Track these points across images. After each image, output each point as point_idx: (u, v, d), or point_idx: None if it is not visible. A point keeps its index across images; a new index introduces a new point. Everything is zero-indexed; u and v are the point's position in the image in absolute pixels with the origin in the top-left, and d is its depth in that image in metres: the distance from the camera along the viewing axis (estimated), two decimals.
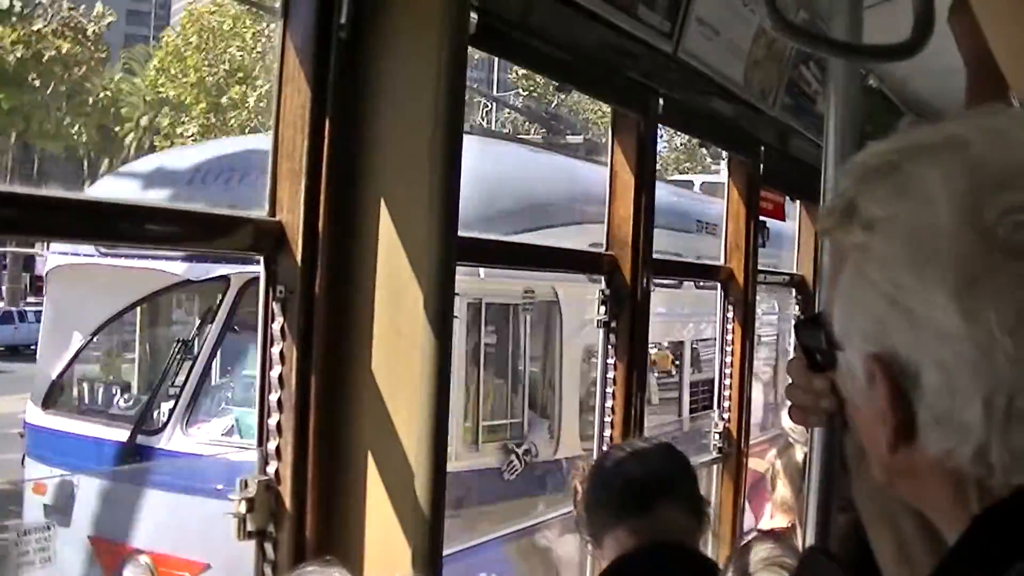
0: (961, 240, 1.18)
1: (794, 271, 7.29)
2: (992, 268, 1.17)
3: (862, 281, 1.27)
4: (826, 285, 1.39)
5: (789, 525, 3.90)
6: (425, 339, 2.79)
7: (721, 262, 5.98)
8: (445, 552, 3.00)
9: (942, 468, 1.25)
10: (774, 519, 4.12)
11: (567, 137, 15.24)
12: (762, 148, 5.88)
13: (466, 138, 2.94)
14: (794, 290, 7.36)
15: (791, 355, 1.96)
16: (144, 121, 52.08)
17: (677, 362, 13.71)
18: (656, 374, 13.10)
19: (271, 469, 2.83)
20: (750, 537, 4.01)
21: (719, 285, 6.02)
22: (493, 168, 9.19)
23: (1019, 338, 1.15)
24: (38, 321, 14.76)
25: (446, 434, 2.85)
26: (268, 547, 2.82)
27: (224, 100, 48.15)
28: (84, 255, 8.84)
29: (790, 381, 1.91)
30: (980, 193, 1.19)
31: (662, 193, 5.05)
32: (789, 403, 1.97)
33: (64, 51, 44.89)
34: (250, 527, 2.78)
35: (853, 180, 1.32)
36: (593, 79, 4.31)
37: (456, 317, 2.93)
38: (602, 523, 2.93)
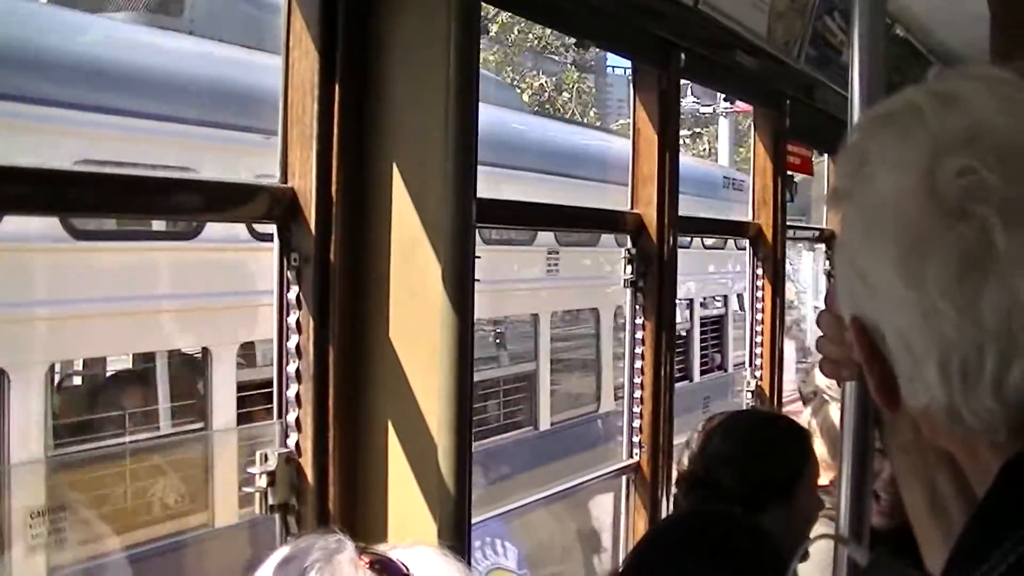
0: (909, 207, 1.21)
1: (824, 226, 7.21)
2: (936, 233, 1.19)
3: (840, 250, 1.33)
4: None
5: (829, 483, 3.83)
6: (444, 304, 2.74)
7: (749, 218, 5.90)
8: (478, 518, 2.97)
9: (933, 422, 1.28)
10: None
11: None
12: (787, 101, 5.80)
13: None
14: (824, 245, 7.28)
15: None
16: None
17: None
18: None
19: (291, 442, 2.78)
20: None
21: (748, 242, 5.95)
22: None
23: (959, 301, 1.17)
24: None
25: (470, 401, 2.80)
26: (291, 521, 2.77)
27: None
28: None
29: (820, 334, 1.89)
30: (932, 159, 1.20)
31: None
32: (821, 357, 1.94)
33: None
34: (272, 501, 2.73)
35: (842, 157, 1.38)
36: (612, 35, 4.24)
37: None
38: None
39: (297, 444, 2.77)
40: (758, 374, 5.83)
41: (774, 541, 2.81)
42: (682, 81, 4.67)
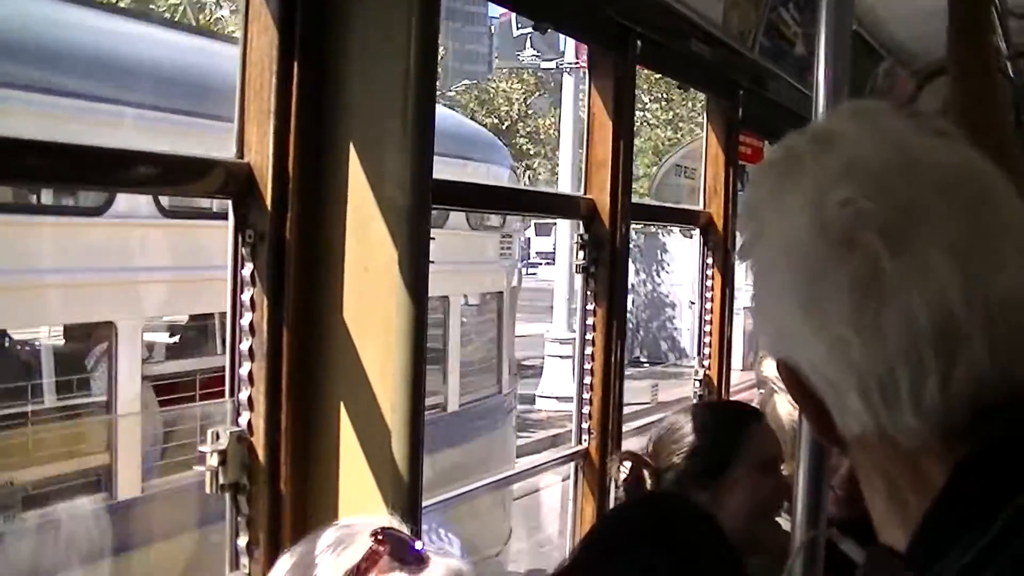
0: (801, 247, 1.25)
1: None
2: (830, 265, 1.22)
3: (753, 303, 1.36)
4: None
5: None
6: (399, 285, 2.71)
7: (700, 207, 5.91)
8: (425, 503, 2.96)
9: (871, 446, 1.31)
10: None
11: None
12: (741, 91, 5.81)
13: None
14: None
15: None
16: None
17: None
18: None
19: (243, 420, 2.75)
20: None
21: (698, 231, 5.96)
22: None
23: (861, 329, 1.21)
24: None
25: (423, 382, 2.78)
26: (242, 500, 2.74)
27: None
28: None
29: None
30: (816, 197, 1.24)
31: None
32: None
33: None
34: (223, 480, 2.70)
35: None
36: (570, 18, 4.23)
37: None
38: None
39: (249, 423, 2.74)
40: (706, 363, 5.84)
41: (722, 527, 2.82)
42: (524, 31, 4.66)
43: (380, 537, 1.83)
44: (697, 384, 5.79)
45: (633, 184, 4.97)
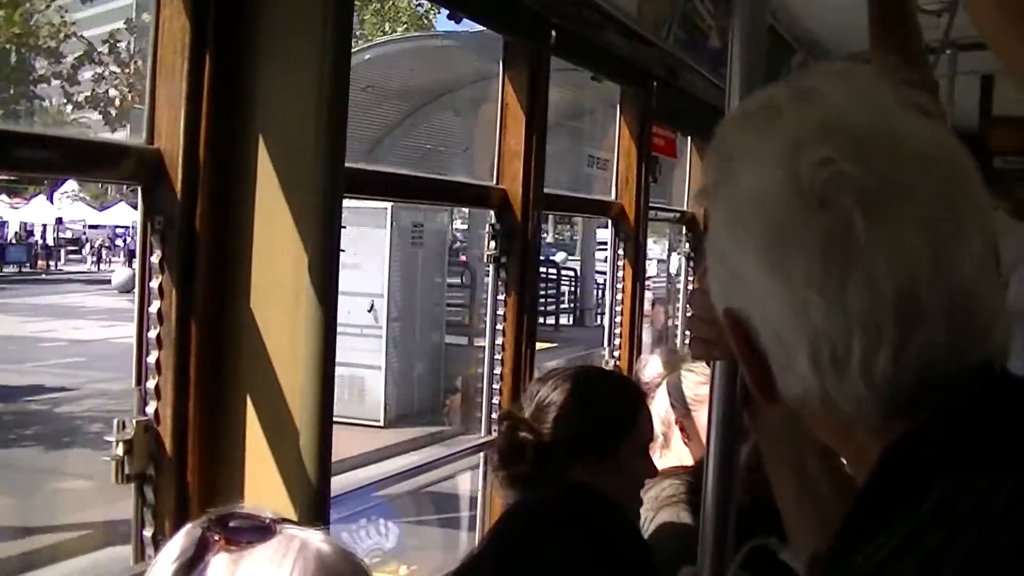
0: (772, 200, 1.24)
1: (685, 208, 7.27)
2: (800, 223, 1.21)
3: (708, 248, 1.35)
4: None
5: (693, 465, 3.86)
6: (308, 275, 2.69)
7: (612, 198, 5.92)
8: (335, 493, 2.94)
9: (808, 411, 1.30)
10: (662, 459, 4.09)
11: None
12: (654, 83, 5.82)
13: None
14: (684, 227, 7.34)
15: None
16: None
17: None
18: None
19: (150, 409, 2.71)
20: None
21: (609, 222, 5.98)
22: None
23: (825, 290, 1.20)
24: None
25: (332, 373, 2.75)
26: (148, 491, 2.71)
27: None
28: None
29: (691, 313, 1.91)
30: (792, 152, 1.23)
31: None
32: (691, 335, 1.96)
33: None
34: (128, 471, 2.66)
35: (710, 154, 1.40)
36: (485, 7, 4.21)
37: None
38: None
39: (156, 412, 2.71)
40: (616, 354, 5.86)
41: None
42: None
43: (211, 520, 1.78)
44: None
45: None
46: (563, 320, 32.05)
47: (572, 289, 34.02)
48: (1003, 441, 1.20)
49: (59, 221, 51.43)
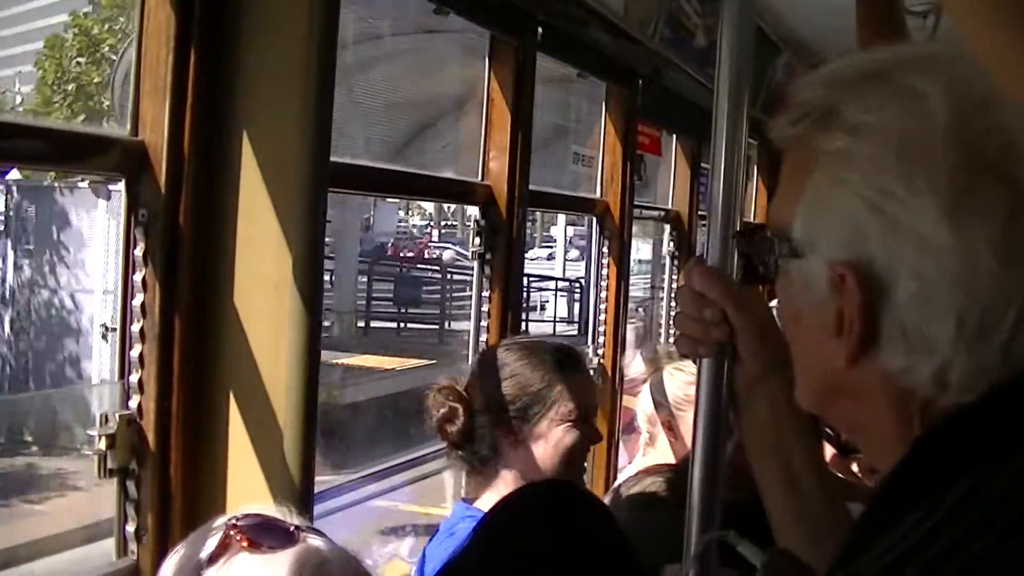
0: (953, 153, 1.18)
1: (669, 207, 7.26)
2: (980, 185, 1.17)
3: (840, 187, 1.25)
4: (780, 193, 1.36)
5: (677, 462, 3.86)
6: (293, 269, 2.68)
7: (597, 195, 5.92)
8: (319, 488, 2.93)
9: (893, 386, 1.25)
10: (646, 457, 4.09)
11: None
12: (639, 81, 5.81)
13: None
14: (669, 226, 7.33)
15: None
16: None
17: None
18: None
19: (133, 403, 2.69)
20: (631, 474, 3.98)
21: (594, 219, 5.97)
22: None
23: (1003, 257, 1.16)
24: None
25: (316, 367, 2.74)
26: (131, 485, 2.69)
27: None
28: None
29: (678, 310, 1.89)
30: (968, 110, 1.19)
31: None
32: (677, 333, 1.94)
33: None
34: (111, 465, 2.64)
35: (828, 87, 1.31)
36: (472, 3, 4.20)
37: None
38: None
39: (140, 406, 2.69)
40: (600, 352, 5.85)
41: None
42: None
43: (235, 522, 1.78)
44: (591, 372, 5.79)
45: None
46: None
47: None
48: None
49: None
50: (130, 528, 2.70)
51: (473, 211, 4.56)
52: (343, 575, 1.78)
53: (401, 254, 37.16)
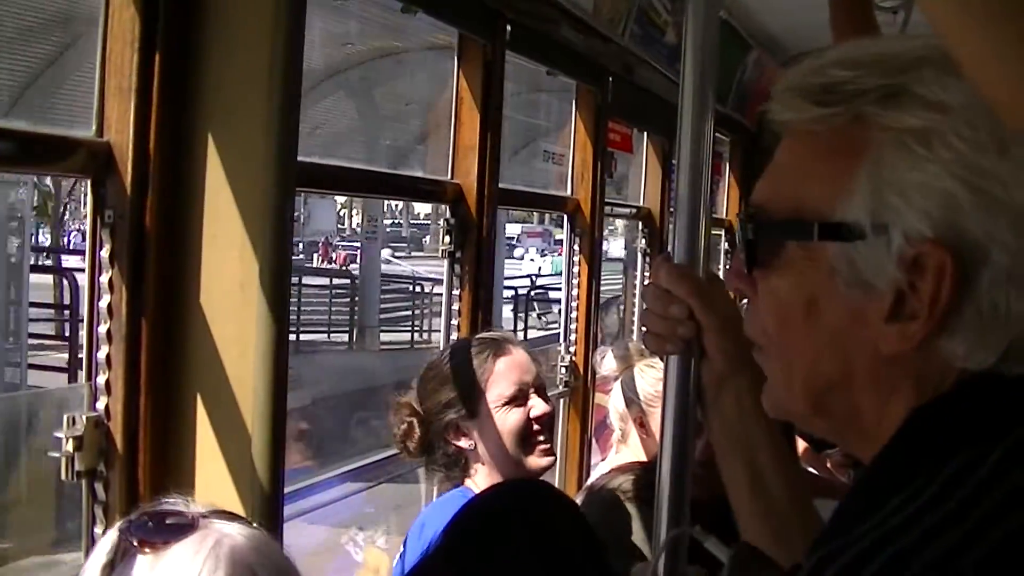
0: None
1: (641, 204, 7.26)
2: None
3: (925, 165, 1.20)
4: (798, 178, 1.29)
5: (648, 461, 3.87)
6: (259, 270, 2.67)
7: (568, 193, 5.91)
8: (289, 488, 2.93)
9: (936, 369, 1.22)
10: (619, 454, 4.10)
11: None
12: (610, 78, 5.81)
13: None
14: (640, 223, 7.33)
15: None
16: None
17: None
18: None
19: (100, 405, 2.68)
20: (604, 471, 3.99)
21: (565, 217, 5.97)
22: None
23: None
24: None
25: (284, 368, 2.74)
26: (99, 487, 2.68)
27: None
28: None
29: (645, 307, 1.88)
30: None
31: None
32: (644, 330, 1.94)
33: None
34: (79, 467, 2.63)
35: (875, 68, 1.26)
36: (439, 1, 4.19)
37: None
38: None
39: (107, 408, 2.68)
40: (572, 349, 5.85)
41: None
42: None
43: (128, 524, 1.78)
44: (563, 370, 5.80)
45: None
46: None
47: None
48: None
49: None
50: (98, 530, 2.68)
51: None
52: (257, 557, 1.76)
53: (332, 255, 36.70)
